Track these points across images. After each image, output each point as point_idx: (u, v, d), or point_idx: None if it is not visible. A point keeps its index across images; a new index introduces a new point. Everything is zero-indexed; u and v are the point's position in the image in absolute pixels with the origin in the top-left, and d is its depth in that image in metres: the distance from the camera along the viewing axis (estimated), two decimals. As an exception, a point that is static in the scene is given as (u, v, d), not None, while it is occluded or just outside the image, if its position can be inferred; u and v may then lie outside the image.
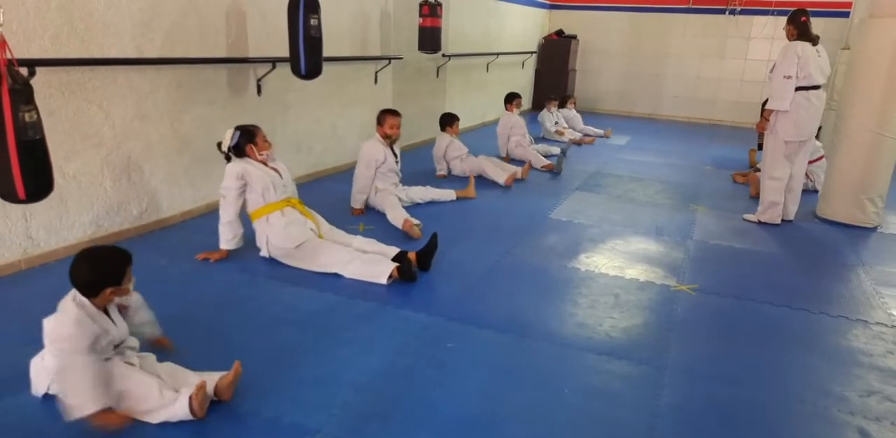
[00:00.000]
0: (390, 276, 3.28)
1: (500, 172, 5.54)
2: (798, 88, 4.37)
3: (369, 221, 4.26)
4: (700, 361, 2.68)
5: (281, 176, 3.55)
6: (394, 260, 3.40)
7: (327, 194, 4.81)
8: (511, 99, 6.60)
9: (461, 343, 2.72)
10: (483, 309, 3.06)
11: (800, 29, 4.41)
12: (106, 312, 2.13)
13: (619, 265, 3.75)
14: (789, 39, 4.46)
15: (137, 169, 3.76)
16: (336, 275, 3.34)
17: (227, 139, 3.44)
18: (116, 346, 2.16)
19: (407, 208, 4.37)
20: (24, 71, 2.84)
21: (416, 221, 4.11)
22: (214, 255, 3.50)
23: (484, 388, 2.38)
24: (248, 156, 3.47)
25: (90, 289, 2.07)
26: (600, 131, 8.62)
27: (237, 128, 3.47)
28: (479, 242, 4.03)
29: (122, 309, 2.27)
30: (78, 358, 1.96)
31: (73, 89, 3.32)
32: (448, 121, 5.69)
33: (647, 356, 2.68)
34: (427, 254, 3.48)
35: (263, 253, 3.51)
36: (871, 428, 2.25)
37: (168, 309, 2.88)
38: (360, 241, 3.59)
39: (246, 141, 3.45)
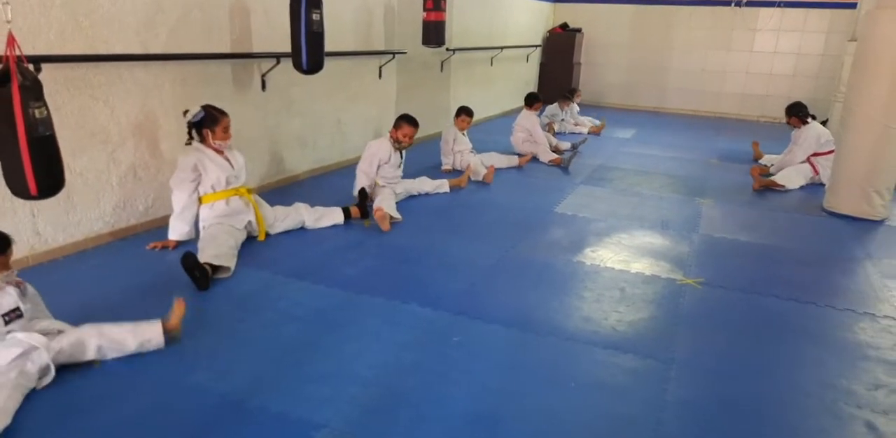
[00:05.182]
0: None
1: (479, 171, 5.49)
2: None
3: (372, 217, 4.25)
4: (706, 355, 2.68)
5: (233, 167, 3.57)
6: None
7: (331, 189, 4.81)
8: (531, 100, 6.62)
9: (467, 337, 2.73)
10: (489, 303, 3.07)
11: None
12: None
13: (624, 259, 3.74)
14: None
15: (143, 165, 3.77)
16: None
17: (192, 113, 3.45)
18: (5, 315, 2.22)
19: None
20: (30, 67, 2.85)
21: (397, 216, 4.10)
22: (166, 244, 3.55)
23: (490, 382, 2.39)
24: (203, 140, 3.49)
25: None
26: (596, 122, 8.60)
27: (204, 107, 3.48)
28: (485, 236, 4.03)
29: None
30: None
31: (79, 85, 3.32)
32: (457, 113, 5.71)
33: (653, 350, 2.68)
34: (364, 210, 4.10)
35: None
36: (878, 422, 2.25)
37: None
38: (305, 210, 3.92)
39: (206, 125, 3.47)
